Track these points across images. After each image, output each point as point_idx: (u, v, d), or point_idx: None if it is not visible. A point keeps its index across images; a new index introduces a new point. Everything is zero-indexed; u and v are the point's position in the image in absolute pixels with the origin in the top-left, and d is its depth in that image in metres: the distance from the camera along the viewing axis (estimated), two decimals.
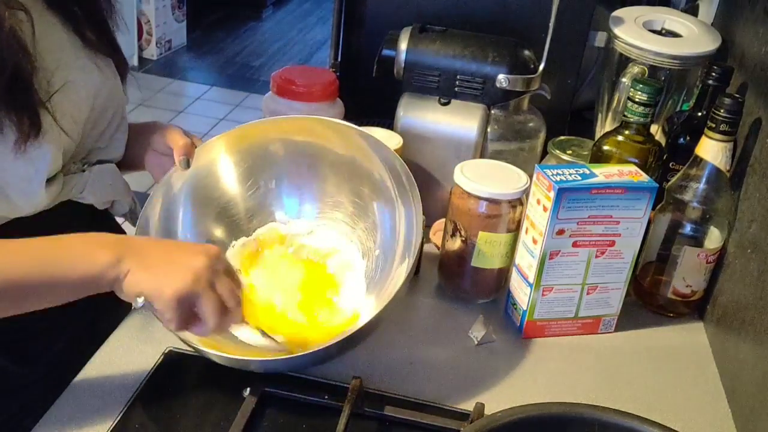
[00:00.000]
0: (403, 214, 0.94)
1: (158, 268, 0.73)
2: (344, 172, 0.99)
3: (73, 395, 0.81)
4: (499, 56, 1.11)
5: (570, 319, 0.98)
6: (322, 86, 1.15)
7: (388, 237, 0.97)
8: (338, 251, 1.00)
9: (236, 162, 1.00)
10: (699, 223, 0.99)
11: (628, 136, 1.03)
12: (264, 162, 1.00)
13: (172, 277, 0.72)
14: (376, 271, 0.97)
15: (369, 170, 0.97)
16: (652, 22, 1.21)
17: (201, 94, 4.13)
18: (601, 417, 0.69)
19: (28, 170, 0.79)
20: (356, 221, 1.00)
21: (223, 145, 0.99)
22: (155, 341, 0.89)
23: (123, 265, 0.72)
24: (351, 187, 0.99)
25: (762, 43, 1.04)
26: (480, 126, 1.12)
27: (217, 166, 0.99)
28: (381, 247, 0.97)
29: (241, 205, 1.00)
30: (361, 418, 0.81)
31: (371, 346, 0.92)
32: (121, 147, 0.95)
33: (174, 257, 0.75)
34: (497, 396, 0.87)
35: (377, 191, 0.97)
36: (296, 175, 1.01)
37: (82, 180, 0.89)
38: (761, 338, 0.86)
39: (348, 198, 1.00)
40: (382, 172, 0.95)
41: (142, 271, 0.72)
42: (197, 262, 0.73)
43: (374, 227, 0.98)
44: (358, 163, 0.97)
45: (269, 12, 5.39)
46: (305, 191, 1.01)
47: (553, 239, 0.91)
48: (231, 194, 1.00)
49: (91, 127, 0.89)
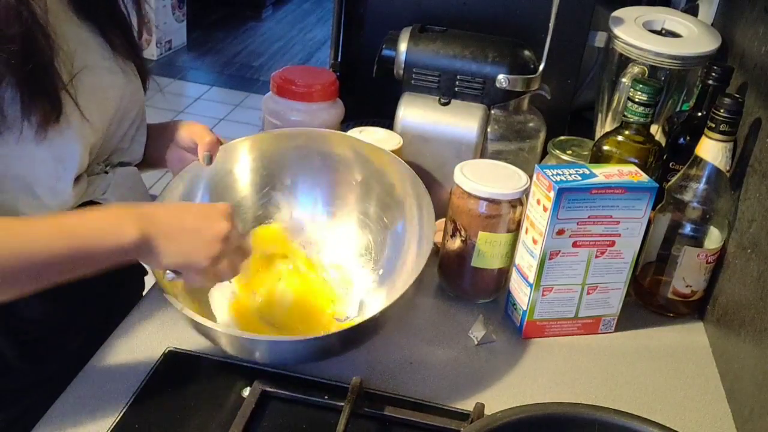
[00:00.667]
0: (416, 224, 0.94)
1: (185, 238, 0.76)
2: (363, 186, 1.00)
3: (73, 395, 0.81)
4: (499, 56, 1.11)
5: (570, 319, 0.99)
6: (322, 86, 1.15)
7: (396, 254, 0.97)
8: (341, 266, 1.00)
9: (255, 167, 1.00)
10: (699, 223, 0.99)
11: (628, 136, 1.03)
12: (281, 169, 1.01)
13: (201, 248, 0.76)
14: (386, 273, 0.97)
15: (385, 186, 0.98)
16: (652, 22, 1.21)
17: (201, 94, 4.13)
18: (601, 417, 0.69)
19: (57, 168, 0.82)
20: (364, 234, 1.00)
21: (247, 146, 0.99)
22: (155, 341, 0.89)
23: (149, 239, 0.74)
24: (366, 199, 1.00)
25: (762, 43, 1.04)
26: (480, 126, 1.12)
27: (235, 167, 0.99)
28: (384, 260, 0.97)
29: (251, 208, 1.01)
30: (361, 418, 0.81)
31: (371, 346, 0.92)
32: (140, 149, 0.97)
33: (197, 225, 0.78)
34: (497, 396, 0.87)
35: (388, 209, 0.98)
36: (311, 183, 1.01)
37: (105, 181, 0.91)
38: (761, 338, 0.86)
39: (361, 210, 1.00)
40: (405, 194, 0.96)
41: (170, 244, 0.75)
42: (220, 228, 0.77)
43: (382, 242, 0.98)
44: (378, 179, 0.98)
45: (269, 12, 5.39)
46: (318, 197, 1.02)
47: (553, 239, 0.91)
48: (243, 194, 1.00)
49: (115, 128, 0.91)
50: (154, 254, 0.75)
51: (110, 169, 0.93)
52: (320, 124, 1.12)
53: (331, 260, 1.00)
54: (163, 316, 0.93)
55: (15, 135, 0.77)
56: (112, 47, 0.90)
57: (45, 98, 0.77)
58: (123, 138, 0.94)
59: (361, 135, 1.09)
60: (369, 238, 0.99)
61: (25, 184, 0.81)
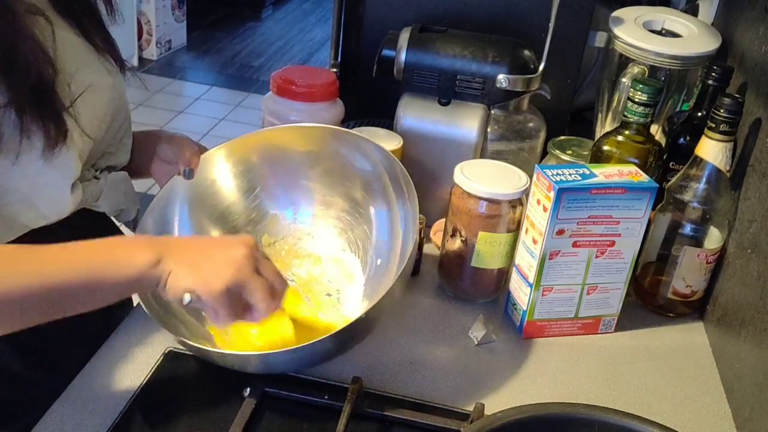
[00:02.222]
0: (399, 216, 0.94)
1: (200, 263, 0.73)
2: (341, 175, 0.99)
3: (73, 395, 0.81)
4: (499, 56, 1.11)
5: (570, 319, 0.99)
6: (322, 86, 1.14)
7: (386, 239, 0.97)
8: (340, 260, 1.00)
9: (235, 172, 1.00)
10: (699, 223, 0.99)
11: (628, 136, 1.03)
12: (259, 170, 1.01)
13: (216, 270, 0.72)
14: (373, 272, 0.97)
15: (364, 172, 0.97)
16: (652, 22, 1.21)
17: (201, 94, 4.13)
18: (601, 417, 0.69)
19: (56, 177, 0.80)
20: (353, 225, 1.00)
21: (224, 154, 0.99)
22: (155, 341, 0.89)
23: (164, 265, 0.72)
24: (345, 190, 0.99)
25: (762, 42, 1.04)
26: (480, 126, 1.12)
27: (217, 175, 0.99)
28: (376, 249, 0.97)
29: (239, 213, 1.01)
30: (361, 419, 0.81)
31: (371, 346, 0.92)
32: (127, 151, 0.96)
33: (213, 251, 0.75)
34: (497, 396, 0.87)
35: (373, 193, 0.97)
36: (289, 182, 1.01)
37: (98, 187, 0.90)
38: (761, 338, 0.86)
39: (343, 200, 1.00)
40: (380, 174, 0.95)
41: (185, 268, 0.72)
42: (237, 252, 0.74)
43: (370, 230, 0.98)
44: (354, 165, 0.98)
45: (269, 12, 5.39)
46: (299, 198, 1.02)
47: (553, 239, 0.91)
48: (229, 202, 1.00)
49: (105, 131, 0.90)
50: (165, 279, 0.72)
51: (100, 174, 0.91)
52: (320, 123, 1.12)
53: (329, 254, 1.00)
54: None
55: (20, 154, 0.76)
56: (92, 44, 0.88)
57: (50, 121, 0.76)
58: (112, 140, 0.93)
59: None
60: (364, 228, 0.99)
61: (24, 195, 0.80)
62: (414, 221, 0.88)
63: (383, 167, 0.95)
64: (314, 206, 1.02)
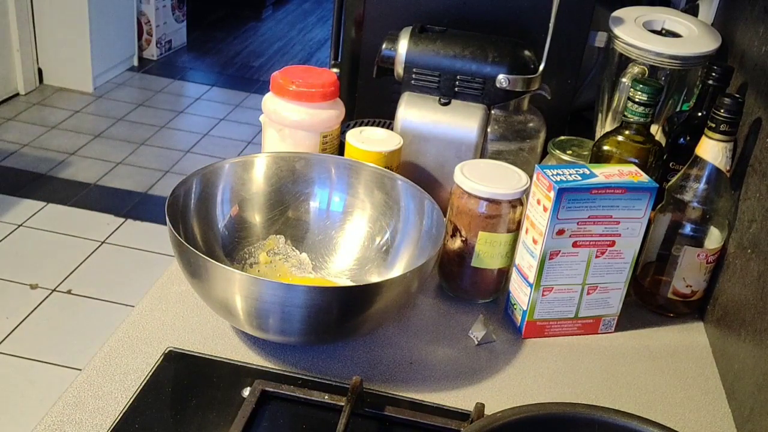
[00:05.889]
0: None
1: None
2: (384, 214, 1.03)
3: (73, 395, 0.81)
4: (499, 56, 1.11)
5: (570, 319, 0.99)
6: (322, 86, 1.14)
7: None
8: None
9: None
10: (699, 223, 0.99)
11: (628, 136, 1.03)
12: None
13: None
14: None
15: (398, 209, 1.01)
16: (652, 22, 1.21)
17: (201, 94, 4.13)
18: (601, 417, 0.69)
19: None
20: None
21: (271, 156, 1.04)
22: (155, 341, 0.89)
23: None
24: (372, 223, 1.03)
25: (762, 42, 1.04)
26: (480, 126, 1.12)
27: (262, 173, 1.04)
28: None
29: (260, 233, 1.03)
30: (361, 418, 0.81)
31: (371, 346, 0.92)
32: None
33: None
34: (497, 396, 0.87)
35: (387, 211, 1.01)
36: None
37: None
38: (761, 338, 0.86)
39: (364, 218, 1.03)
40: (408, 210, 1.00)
41: None
42: None
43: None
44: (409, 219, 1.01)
45: (269, 12, 5.39)
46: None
47: (553, 239, 0.91)
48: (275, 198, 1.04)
49: None
50: None
51: None
52: (320, 123, 1.12)
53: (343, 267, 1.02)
54: (163, 316, 0.93)
55: None
56: None
57: None
58: None
59: (361, 135, 1.09)
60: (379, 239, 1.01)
61: None
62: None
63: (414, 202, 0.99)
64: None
